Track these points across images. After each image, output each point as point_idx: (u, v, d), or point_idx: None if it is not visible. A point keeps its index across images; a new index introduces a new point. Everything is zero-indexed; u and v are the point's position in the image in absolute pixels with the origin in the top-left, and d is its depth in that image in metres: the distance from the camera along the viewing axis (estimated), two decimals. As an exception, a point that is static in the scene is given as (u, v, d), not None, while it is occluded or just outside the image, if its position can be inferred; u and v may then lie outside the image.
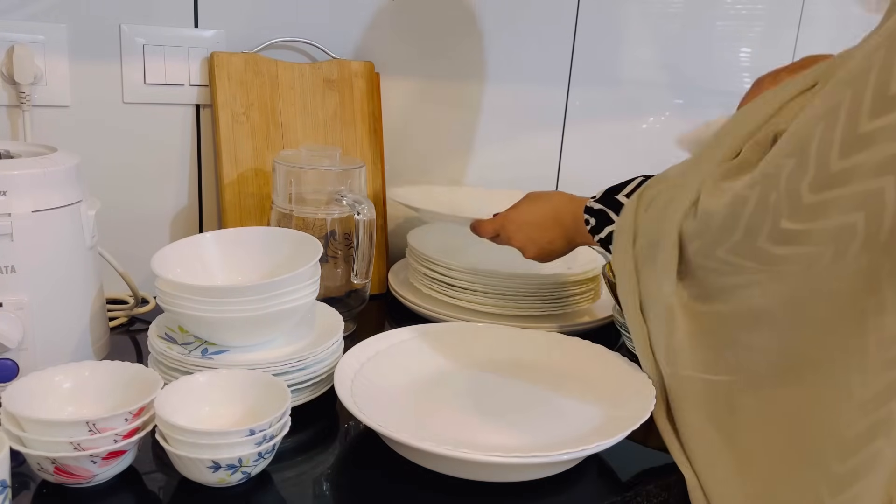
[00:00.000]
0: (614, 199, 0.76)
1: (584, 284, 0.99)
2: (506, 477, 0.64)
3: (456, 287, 0.96)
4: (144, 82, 0.93)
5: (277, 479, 0.63)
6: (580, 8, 1.26)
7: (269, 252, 0.80)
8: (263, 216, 0.98)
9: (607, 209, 0.76)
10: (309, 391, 0.74)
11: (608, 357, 0.80)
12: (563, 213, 0.83)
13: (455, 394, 0.76)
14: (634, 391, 0.72)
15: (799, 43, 1.60)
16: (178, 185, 0.99)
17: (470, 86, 1.19)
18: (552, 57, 1.26)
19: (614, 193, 0.76)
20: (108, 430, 0.58)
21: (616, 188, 0.77)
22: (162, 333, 0.74)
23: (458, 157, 1.22)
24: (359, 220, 0.85)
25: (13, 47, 0.84)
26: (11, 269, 0.68)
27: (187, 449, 0.58)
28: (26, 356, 0.70)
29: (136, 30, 0.92)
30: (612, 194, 0.77)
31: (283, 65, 1.00)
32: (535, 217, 0.85)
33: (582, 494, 0.65)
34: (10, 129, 0.87)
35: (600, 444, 0.63)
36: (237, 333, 0.72)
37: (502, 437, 0.68)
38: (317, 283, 0.75)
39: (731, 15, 1.47)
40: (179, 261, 0.76)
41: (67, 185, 0.72)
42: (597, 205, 0.77)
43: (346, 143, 1.04)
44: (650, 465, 0.70)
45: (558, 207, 0.84)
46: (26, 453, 0.57)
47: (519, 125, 1.27)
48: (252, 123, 0.98)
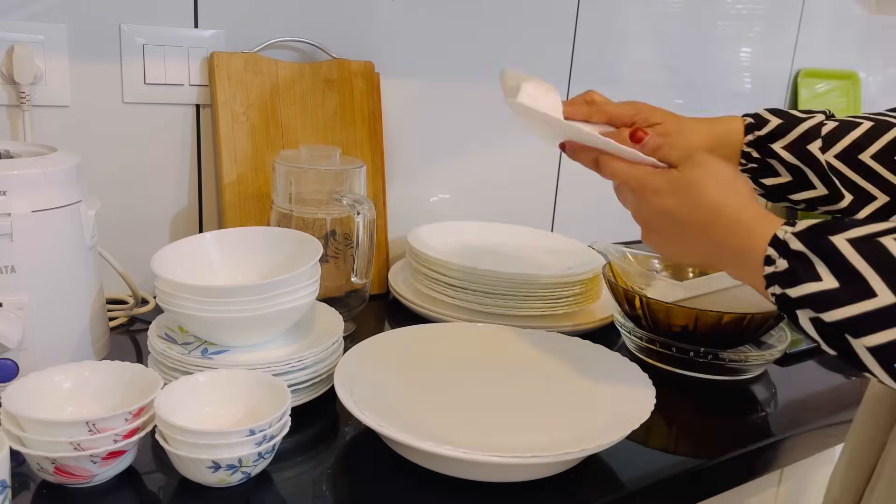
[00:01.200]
0: (830, 242, 0.50)
1: (584, 284, 0.99)
2: (506, 477, 0.64)
3: (456, 287, 0.96)
4: (144, 82, 0.93)
5: (277, 479, 0.63)
6: (580, 8, 1.26)
7: (269, 252, 0.80)
8: (263, 216, 0.98)
9: (813, 256, 0.51)
10: (309, 391, 0.74)
11: (608, 357, 0.81)
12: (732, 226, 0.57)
13: (455, 394, 0.76)
14: (634, 391, 0.72)
15: (799, 43, 1.60)
16: (178, 185, 0.99)
17: (470, 86, 1.19)
18: (552, 57, 1.26)
19: (830, 233, 0.51)
20: (108, 430, 0.58)
21: (832, 227, 0.51)
22: (162, 333, 0.74)
23: (457, 157, 1.22)
24: (359, 220, 0.84)
25: (13, 47, 0.84)
26: (11, 269, 0.68)
27: (187, 449, 0.58)
28: (26, 356, 0.70)
29: (136, 30, 0.92)
30: (826, 234, 0.51)
31: (283, 65, 1.00)
32: (689, 210, 0.58)
33: (582, 494, 0.65)
34: (10, 129, 0.87)
35: (600, 444, 0.63)
36: (237, 333, 0.72)
37: (502, 437, 0.68)
38: (317, 283, 0.75)
39: (731, 15, 1.47)
40: (179, 261, 0.76)
41: (67, 185, 0.72)
42: (796, 242, 0.52)
43: (346, 143, 1.04)
44: (650, 465, 0.70)
45: (731, 216, 0.57)
46: (26, 453, 0.57)
47: (519, 125, 1.26)
48: (252, 123, 0.98)
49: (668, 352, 0.89)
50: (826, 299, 0.50)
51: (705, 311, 0.85)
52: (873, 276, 0.48)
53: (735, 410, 0.84)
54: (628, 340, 0.95)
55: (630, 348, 0.95)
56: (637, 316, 0.91)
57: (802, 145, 0.72)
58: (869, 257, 0.48)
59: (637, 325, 0.92)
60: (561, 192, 1.34)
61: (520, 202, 1.30)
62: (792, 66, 1.61)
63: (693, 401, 0.84)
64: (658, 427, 0.78)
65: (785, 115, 0.74)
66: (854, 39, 1.70)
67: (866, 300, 0.48)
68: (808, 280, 0.50)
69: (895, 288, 0.47)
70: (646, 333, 0.91)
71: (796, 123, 0.73)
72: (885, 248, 0.48)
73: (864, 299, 0.48)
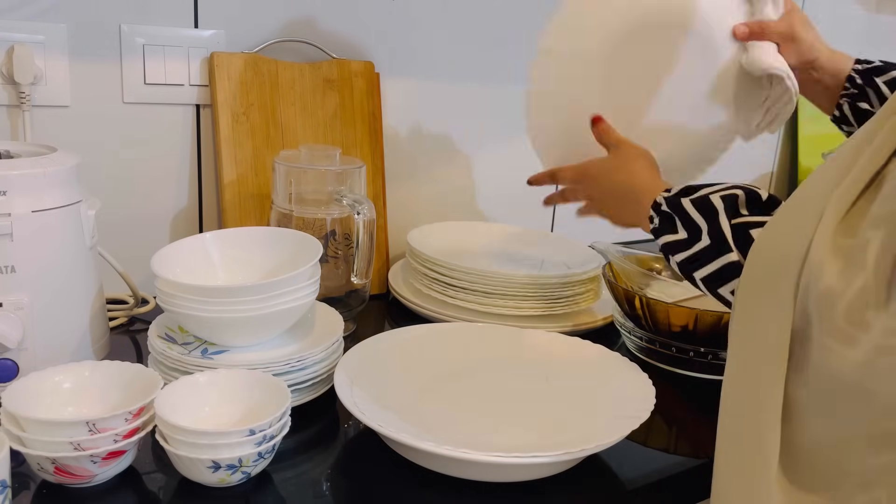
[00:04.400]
0: (680, 203, 0.69)
1: (584, 284, 0.99)
2: (506, 477, 0.64)
3: (456, 287, 0.96)
4: (144, 82, 0.93)
5: (277, 479, 0.63)
6: (580, 8, 1.26)
7: (269, 252, 0.80)
8: (263, 216, 0.98)
9: (675, 215, 0.69)
10: (309, 391, 0.74)
11: (608, 357, 0.81)
12: (642, 194, 0.76)
13: (455, 394, 0.76)
14: (634, 391, 0.72)
15: (799, 43, 1.59)
16: (178, 185, 0.99)
17: (470, 86, 1.19)
18: (552, 57, 1.26)
19: (682, 196, 0.69)
20: (108, 430, 0.58)
21: (686, 190, 0.70)
22: (162, 333, 0.74)
23: (457, 157, 1.22)
24: (359, 220, 0.85)
25: (13, 47, 0.84)
26: (11, 269, 0.68)
27: (187, 449, 0.58)
28: (26, 356, 0.70)
29: (136, 30, 0.92)
30: (680, 196, 0.70)
31: (283, 65, 1.00)
32: (617, 186, 0.80)
33: (582, 494, 0.65)
34: (10, 129, 0.87)
35: (600, 444, 0.63)
36: (237, 333, 0.72)
37: (502, 437, 0.68)
38: (317, 283, 0.75)
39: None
40: (179, 261, 0.76)
41: (67, 185, 0.72)
42: (664, 205, 0.71)
43: (346, 143, 1.04)
44: (650, 465, 0.70)
45: (640, 188, 0.77)
46: (26, 453, 0.57)
47: (519, 125, 1.26)
48: (252, 123, 0.98)
49: (668, 352, 0.89)
50: (672, 246, 0.68)
51: (705, 311, 0.85)
52: (704, 225, 0.66)
53: (735, 410, 0.83)
54: (628, 340, 0.95)
55: (630, 348, 0.95)
56: (637, 316, 0.91)
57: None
58: (701, 210, 0.66)
59: (637, 325, 0.92)
60: (561, 192, 1.34)
61: (520, 202, 1.30)
62: (792, 66, 1.61)
63: (693, 401, 0.84)
64: (658, 427, 0.78)
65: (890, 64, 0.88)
66: (854, 39, 1.70)
67: (696, 245, 0.66)
68: (667, 233, 0.69)
69: (712, 233, 0.65)
70: (646, 333, 0.91)
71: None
72: (710, 202, 0.66)
73: (694, 244, 0.66)
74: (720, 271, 0.64)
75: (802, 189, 0.54)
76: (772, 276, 0.53)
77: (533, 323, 0.94)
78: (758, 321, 0.53)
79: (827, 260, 0.48)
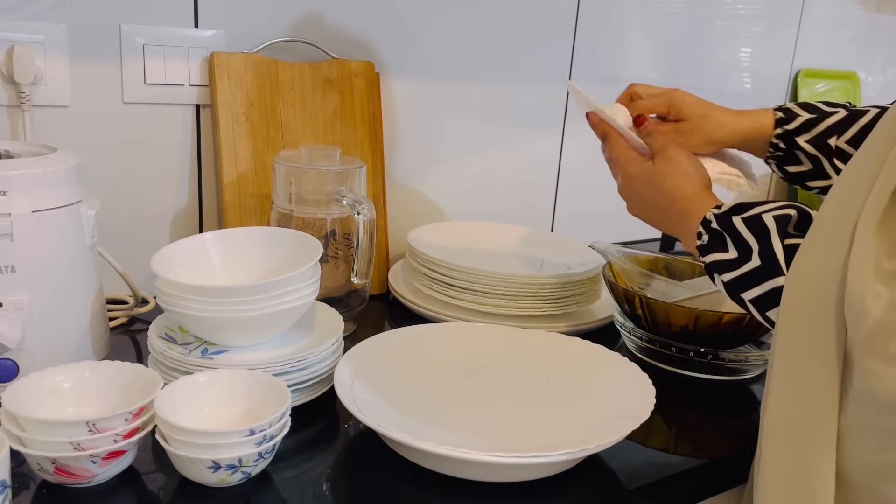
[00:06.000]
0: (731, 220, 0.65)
1: (584, 284, 0.99)
2: (506, 477, 0.64)
3: (456, 287, 0.96)
4: (144, 82, 0.93)
5: (277, 479, 0.63)
6: (580, 7, 1.26)
7: (270, 252, 0.80)
8: (263, 216, 0.98)
9: (726, 233, 0.66)
10: (309, 391, 0.74)
11: (608, 357, 0.81)
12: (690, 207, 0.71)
13: (455, 394, 0.76)
14: (634, 391, 0.72)
15: (799, 43, 1.60)
16: (178, 184, 0.99)
17: (470, 86, 1.19)
18: (552, 57, 1.26)
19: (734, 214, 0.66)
20: (108, 430, 0.58)
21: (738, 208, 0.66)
22: (162, 333, 0.74)
23: (457, 157, 1.22)
24: (359, 220, 0.85)
25: (13, 47, 0.84)
26: (11, 269, 0.68)
27: (187, 449, 0.58)
28: (26, 356, 0.70)
29: (136, 30, 0.92)
30: (731, 215, 0.66)
31: (283, 65, 1.00)
32: (659, 197, 0.74)
33: (582, 494, 0.65)
34: (10, 129, 0.87)
35: (600, 444, 0.63)
36: (237, 333, 0.72)
37: (502, 437, 0.68)
38: (317, 283, 0.75)
39: (731, 15, 1.47)
40: (179, 261, 0.76)
41: (67, 185, 0.72)
42: (714, 223, 0.67)
43: (346, 143, 1.04)
44: (650, 465, 0.70)
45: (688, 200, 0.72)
46: (26, 453, 0.57)
47: (519, 125, 1.27)
48: (252, 123, 0.98)
49: (668, 352, 0.89)
50: (720, 265, 0.65)
51: (705, 311, 0.85)
52: (755, 245, 0.63)
53: (735, 410, 0.84)
54: (628, 340, 0.95)
55: (630, 348, 0.95)
56: (637, 316, 0.91)
57: (824, 139, 0.82)
58: (753, 230, 0.63)
59: (637, 325, 0.92)
60: (561, 192, 1.34)
61: (520, 202, 1.30)
62: (792, 66, 1.61)
63: (693, 401, 0.84)
64: (658, 427, 0.78)
65: (813, 108, 0.84)
66: (854, 39, 1.70)
67: (746, 265, 0.63)
68: (716, 251, 0.66)
69: (763, 254, 0.62)
70: (646, 333, 0.91)
71: (822, 118, 0.82)
72: (762, 222, 0.63)
73: (744, 264, 0.63)
74: (771, 293, 0.61)
75: (827, 207, 0.56)
76: (813, 303, 0.54)
77: (533, 323, 0.94)
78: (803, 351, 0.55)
79: (871, 286, 0.49)
